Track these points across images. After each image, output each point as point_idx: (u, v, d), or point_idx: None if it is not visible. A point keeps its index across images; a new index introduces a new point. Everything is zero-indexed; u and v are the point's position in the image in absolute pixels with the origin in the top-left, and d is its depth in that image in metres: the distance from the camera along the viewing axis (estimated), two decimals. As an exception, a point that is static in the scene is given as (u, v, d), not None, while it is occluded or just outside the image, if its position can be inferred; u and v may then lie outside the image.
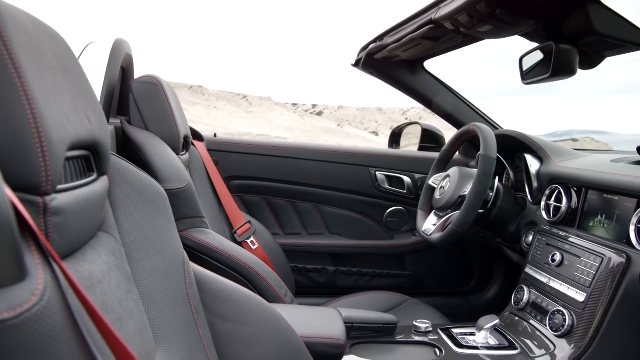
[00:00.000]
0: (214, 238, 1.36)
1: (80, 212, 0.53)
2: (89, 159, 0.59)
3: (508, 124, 2.07)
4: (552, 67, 1.25)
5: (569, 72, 1.27)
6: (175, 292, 0.76)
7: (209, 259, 1.33)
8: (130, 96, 1.44)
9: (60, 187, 0.49)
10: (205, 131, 2.07)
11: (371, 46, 1.83)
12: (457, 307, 2.13)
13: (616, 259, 1.20)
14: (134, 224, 0.74)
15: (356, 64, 2.01)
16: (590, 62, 1.30)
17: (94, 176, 0.60)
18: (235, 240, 1.72)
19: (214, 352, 0.80)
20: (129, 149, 1.38)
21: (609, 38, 1.17)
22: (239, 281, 1.31)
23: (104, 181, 0.64)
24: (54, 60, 0.53)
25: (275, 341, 0.88)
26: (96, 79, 1.42)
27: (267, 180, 2.05)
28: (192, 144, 1.75)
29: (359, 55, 1.97)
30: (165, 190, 1.27)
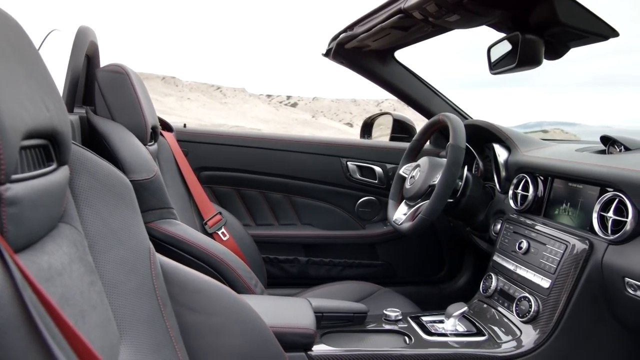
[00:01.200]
0: (182, 229, 1.34)
1: (38, 202, 0.52)
2: (47, 148, 0.58)
3: (481, 116, 2.10)
4: (518, 57, 1.27)
5: (535, 62, 1.28)
6: (141, 284, 0.75)
7: (178, 250, 1.32)
8: (95, 85, 1.41)
9: (15, 176, 0.47)
10: (179, 123, 2.04)
11: (341, 36, 1.82)
12: (428, 296, 2.16)
13: (580, 246, 1.22)
14: (97, 215, 0.72)
15: (327, 54, 2.00)
16: (556, 52, 1.32)
17: (54, 166, 0.59)
18: (205, 232, 1.70)
19: (181, 343, 0.79)
20: (94, 140, 1.35)
21: (573, 29, 1.19)
22: (208, 272, 1.30)
23: (64, 171, 0.62)
24: (7, 47, 0.51)
25: (243, 331, 0.88)
26: (60, 67, 1.39)
27: (238, 170, 2.03)
28: (161, 134, 1.73)
29: (329, 44, 1.96)
30: (132, 181, 1.26)
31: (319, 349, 1.16)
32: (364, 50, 1.92)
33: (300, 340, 1.13)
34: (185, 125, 2.05)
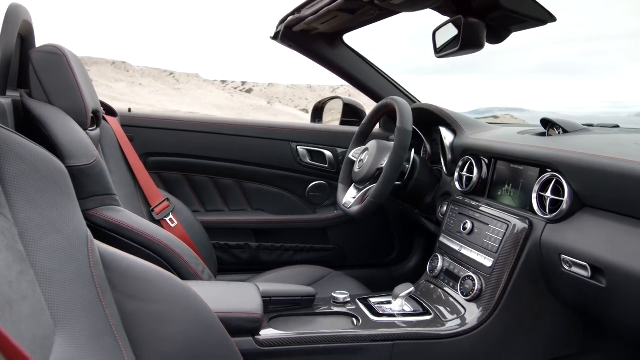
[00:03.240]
0: (126, 216, 1.31)
1: None
2: None
3: (434, 102, 2.13)
4: (461, 41, 1.29)
5: (477, 45, 1.30)
6: (78, 272, 0.72)
7: (121, 237, 1.28)
8: (30, 67, 1.34)
9: None
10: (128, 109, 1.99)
11: (289, 18, 1.80)
12: (380, 278, 2.19)
13: (520, 225, 1.26)
14: (29, 201, 0.69)
15: (275, 37, 1.98)
16: (498, 36, 1.34)
17: None
18: (153, 219, 1.67)
19: (122, 332, 0.77)
20: (30, 124, 1.29)
21: (514, 13, 1.22)
22: (153, 259, 1.27)
23: None
24: None
25: (187, 318, 0.86)
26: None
27: (186, 156, 1.99)
28: (104, 119, 1.67)
29: (277, 27, 1.94)
30: (71, 166, 1.22)
31: (266, 333, 1.16)
32: (312, 34, 1.90)
33: (247, 325, 1.12)
34: (130, 110, 1.99)
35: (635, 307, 1.03)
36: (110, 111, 1.80)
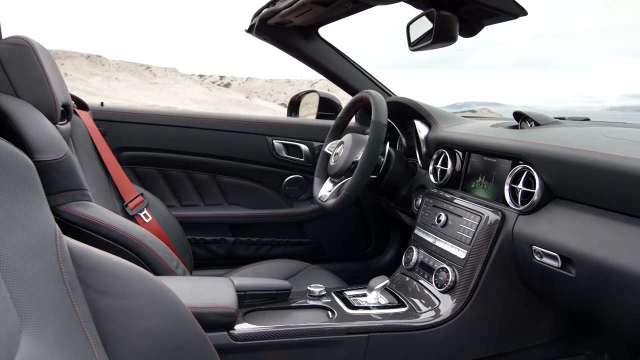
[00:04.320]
0: (97, 211, 1.29)
1: None
2: None
3: (412, 96, 2.12)
4: (434, 34, 1.29)
5: (450, 38, 1.31)
6: (46, 269, 0.71)
7: (93, 233, 1.26)
8: None
9: None
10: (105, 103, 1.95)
11: (264, 11, 1.79)
12: (356, 272, 2.20)
13: (493, 217, 1.28)
14: None
15: (249, 30, 1.96)
16: (470, 30, 1.35)
17: None
18: (127, 214, 1.64)
19: (92, 328, 0.76)
20: None
21: (486, 6, 1.22)
22: (126, 255, 1.26)
23: None
24: None
25: (160, 313, 0.85)
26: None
27: (160, 150, 1.97)
28: (75, 113, 1.64)
29: (252, 20, 1.92)
30: (40, 161, 1.19)
31: (241, 327, 1.15)
32: (286, 27, 1.89)
33: (222, 320, 1.11)
34: (102, 104, 1.96)
35: (603, 296, 1.05)
36: (81, 105, 1.77)
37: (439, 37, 1.30)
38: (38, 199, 0.74)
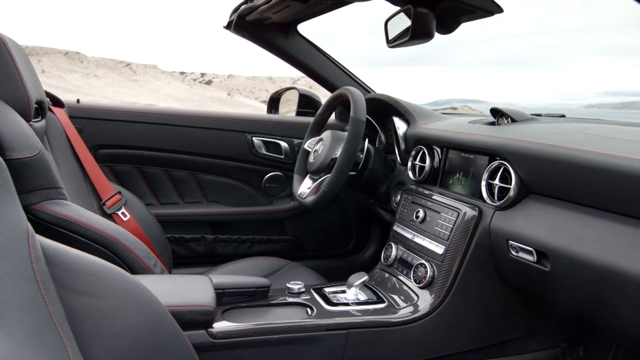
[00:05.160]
0: (73, 210, 1.27)
1: None
2: None
3: (393, 94, 2.13)
4: (411, 31, 1.30)
5: (427, 35, 1.32)
6: (17, 268, 0.70)
7: (69, 231, 1.24)
8: None
9: None
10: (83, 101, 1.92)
11: (242, 7, 1.78)
12: (337, 268, 2.20)
13: (470, 213, 1.29)
14: None
15: (228, 26, 1.95)
16: (447, 27, 1.36)
17: None
18: (104, 213, 1.62)
19: (67, 328, 0.75)
20: None
21: (462, 3, 1.23)
22: (102, 253, 1.24)
23: None
24: None
25: (136, 312, 0.84)
26: None
27: (138, 148, 1.95)
28: (50, 110, 1.61)
29: (230, 17, 1.91)
30: (12, 159, 1.17)
31: (219, 325, 1.14)
32: (265, 23, 1.88)
33: (200, 318, 1.10)
34: (78, 101, 1.93)
35: (577, 290, 1.07)
36: (57, 102, 1.74)
37: (416, 33, 1.30)
38: (9, 197, 0.73)
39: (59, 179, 1.30)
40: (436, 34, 1.38)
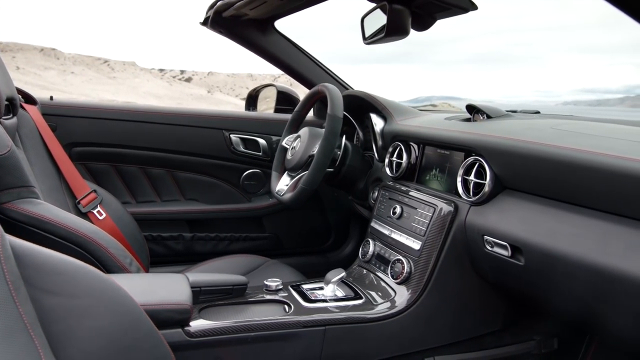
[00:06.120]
0: (45, 208, 1.25)
1: None
2: None
3: (374, 91, 2.12)
4: (387, 27, 1.30)
5: (403, 32, 1.32)
6: None
7: (41, 231, 1.22)
8: None
9: None
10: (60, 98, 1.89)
11: (218, 3, 1.76)
12: (316, 265, 2.20)
13: (446, 208, 1.30)
14: None
15: (204, 23, 1.93)
16: (423, 23, 1.36)
17: None
18: (79, 211, 1.60)
19: (38, 329, 0.74)
20: None
21: (437, 0, 1.24)
22: (76, 253, 1.22)
23: None
24: None
25: (110, 312, 0.83)
26: None
27: (114, 146, 1.92)
28: (22, 107, 1.58)
29: (207, 13, 1.89)
30: None
31: (196, 324, 1.14)
32: (242, 19, 1.87)
33: (176, 317, 1.10)
34: (51, 98, 1.90)
35: (550, 283, 1.08)
36: (29, 99, 1.71)
37: (391, 30, 1.31)
38: None
39: (31, 177, 1.27)
40: (412, 31, 1.39)
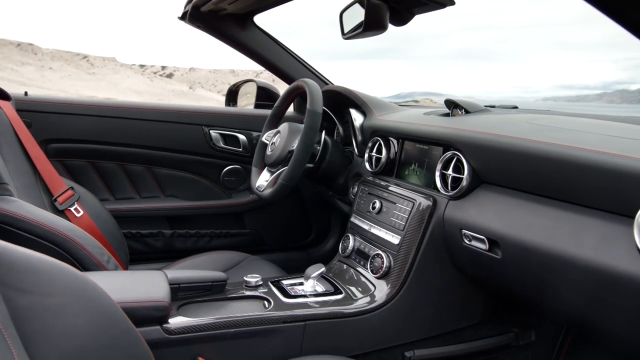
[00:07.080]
0: (19, 206, 1.23)
1: None
2: None
3: (356, 87, 2.12)
4: (365, 22, 1.30)
5: (381, 27, 1.32)
6: None
7: (15, 229, 1.20)
8: None
9: None
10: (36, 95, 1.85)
11: (197, -3, 1.75)
12: (297, 261, 2.20)
13: (425, 203, 1.31)
14: None
15: (183, 17, 1.91)
16: (401, 18, 1.36)
17: None
18: (56, 209, 1.58)
19: (11, 329, 0.72)
20: None
21: (415, -5, 1.24)
22: (52, 251, 1.20)
23: None
24: None
25: (86, 310, 0.82)
26: None
27: (92, 142, 1.90)
28: None
29: (185, 7, 1.87)
30: None
31: (175, 321, 1.13)
32: (221, 14, 1.85)
33: (154, 314, 1.09)
34: (26, 93, 1.86)
35: (525, 275, 1.09)
36: (2, 95, 1.67)
37: (369, 25, 1.31)
38: None
39: (5, 174, 1.25)
40: (392, 27, 1.39)
